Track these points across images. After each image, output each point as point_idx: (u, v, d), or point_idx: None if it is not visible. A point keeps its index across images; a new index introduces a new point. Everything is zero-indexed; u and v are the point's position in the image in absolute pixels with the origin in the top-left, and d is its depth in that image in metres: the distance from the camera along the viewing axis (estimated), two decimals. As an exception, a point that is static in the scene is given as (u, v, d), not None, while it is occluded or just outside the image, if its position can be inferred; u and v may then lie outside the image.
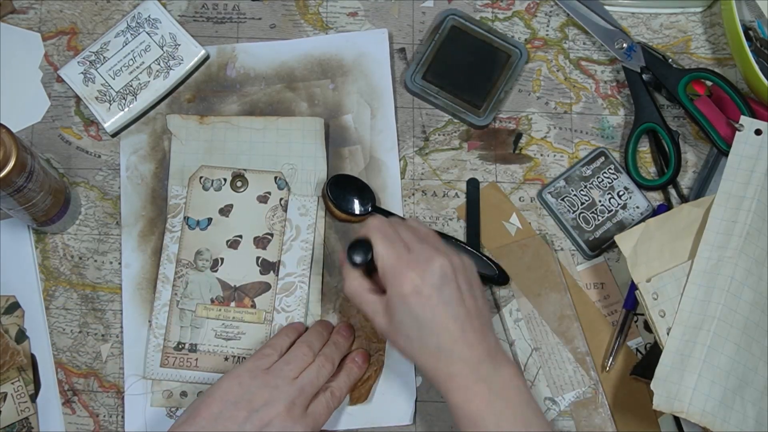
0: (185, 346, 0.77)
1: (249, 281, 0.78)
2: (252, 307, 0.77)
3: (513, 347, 0.79)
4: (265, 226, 0.79)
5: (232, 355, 0.76)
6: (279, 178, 0.80)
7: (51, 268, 0.80)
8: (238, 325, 0.77)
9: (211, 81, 0.84)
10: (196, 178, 0.80)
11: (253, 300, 0.78)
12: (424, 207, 0.82)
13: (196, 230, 0.79)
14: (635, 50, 0.83)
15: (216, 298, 0.78)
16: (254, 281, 0.78)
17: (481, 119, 0.83)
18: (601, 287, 0.80)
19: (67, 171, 0.82)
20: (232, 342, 0.77)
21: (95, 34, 0.85)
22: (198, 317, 0.77)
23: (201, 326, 0.77)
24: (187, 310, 0.77)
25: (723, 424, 0.70)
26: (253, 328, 0.77)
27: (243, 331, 0.77)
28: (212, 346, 0.77)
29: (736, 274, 0.72)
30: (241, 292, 0.78)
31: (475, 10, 0.87)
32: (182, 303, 0.77)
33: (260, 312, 0.77)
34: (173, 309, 0.77)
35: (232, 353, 0.77)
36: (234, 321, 0.77)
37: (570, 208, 0.81)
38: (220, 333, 0.77)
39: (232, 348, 0.77)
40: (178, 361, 0.76)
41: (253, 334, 0.77)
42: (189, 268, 0.78)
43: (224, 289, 0.78)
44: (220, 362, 0.76)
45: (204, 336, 0.77)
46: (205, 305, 0.78)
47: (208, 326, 0.77)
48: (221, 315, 0.77)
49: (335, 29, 0.86)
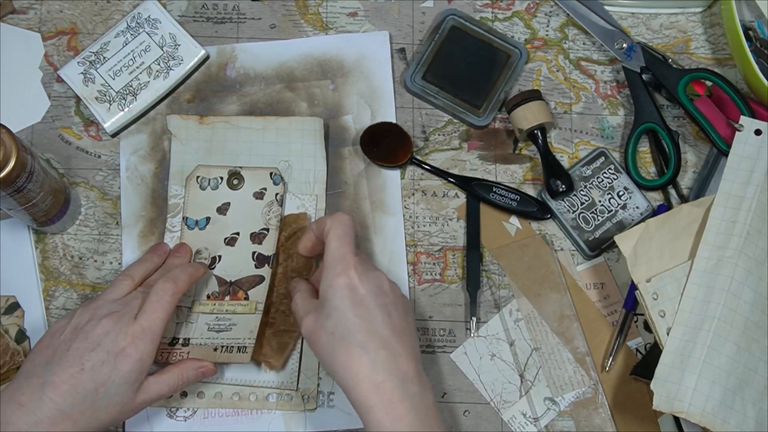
0: (179, 341, 0.76)
1: (244, 275, 0.78)
2: (245, 299, 0.77)
3: (513, 347, 0.79)
4: (262, 221, 0.79)
5: (221, 346, 0.76)
6: (274, 174, 0.80)
7: (51, 268, 0.80)
8: (230, 317, 0.77)
9: (211, 81, 0.84)
10: (193, 178, 0.80)
11: (246, 293, 0.77)
12: (424, 207, 0.82)
13: (195, 230, 0.79)
14: (635, 50, 0.83)
15: (212, 294, 0.78)
16: (249, 275, 0.78)
17: (481, 119, 0.83)
18: (601, 287, 0.80)
19: (67, 171, 0.82)
20: (223, 333, 0.76)
21: (95, 34, 0.85)
22: (192, 313, 0.77)
23: (195, 321, 0.77)
24: (183, 307, 0.77)
25: (723, 424, 0.70)
26: (244, 318, 0.77)
27: (234, 322, 0.77)
28: (204, 338, 0.76)
29: (736, 274, 0.72)
30: (236, 286, 0.78)
31: (475, 10, 0.87)
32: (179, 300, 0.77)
33: (252, 302, 0.77)
34: None
35: (221, 344, 0.76)
36: (227, 314, 0.77)
37: (570, 208, 0.81)
38: (213, 326, 0.77)
39: (222, 339, 0.76)
40: (171, 356, 0.76)
41: (244, 324, 0.76)
42: None
43: (220, 284, 0.78)
44: (209, 352, 0.75)
45: (197, 330, 0.76)
46: (201, 301, 0.77)
47: (202, 320, 0.77)
48: (215, 309, 0.77)
49: (335, 29, 0.86)
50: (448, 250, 0.81)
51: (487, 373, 0.78)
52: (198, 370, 0.73)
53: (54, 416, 0.64)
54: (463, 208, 0.82)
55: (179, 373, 0.72)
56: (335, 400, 0.77)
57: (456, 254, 0.81)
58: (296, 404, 0.77)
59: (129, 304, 0.70)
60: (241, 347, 0.75)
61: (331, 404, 0.77)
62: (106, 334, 0.67)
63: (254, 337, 0.75)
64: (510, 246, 0.81)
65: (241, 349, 0.75)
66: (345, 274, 0.66)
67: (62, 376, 0.65)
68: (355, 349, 0.64)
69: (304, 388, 0.77)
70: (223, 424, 0.76)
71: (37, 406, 0.64)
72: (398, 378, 0.64)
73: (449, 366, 0.79)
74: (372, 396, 0.63)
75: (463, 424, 0.77)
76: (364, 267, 0.68)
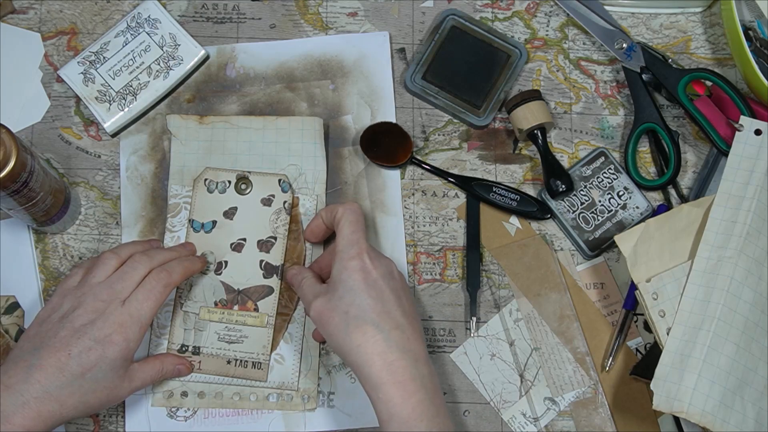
0: (188, 348, 0.77)
1: (252, 285, 0.78)
2: (255, 310, 0.77)
3: (513, 347, 0.79)
4: (269, 229, 0.79)
5: (234, 359, 0.76)
6: (283, 181, 0.80)
7: (51, 268, 0.80)
8: (240, 328, 0.77)
9: (211, 81, 0.84)
10: (201, 180, 0.80)
11: (256, 303, 0.78)
12: (424, 207, 0.82)
13: (201, 233, 0.79)
14: (635, 50, 0.83)
15: (219, 301, 0.78)
16: (257, 285, 0.78)
17: (481, 119, 0.83)
18: (600, 287, 0.80)
19: (67, 171, 0.82)
20: (234, 345, 0.77)
21: (95, 34, 0.85)
22: (201, 320, 0.77)
23: (204, 329, 0.77)
24: (190, 313, 0.77)
25: (723, 424, 0.70)
26: (255, 331, 0.77)
27: (245, 334, 0.77)
28: (215, 348, 0.77)
29: (736, 274, 0.72)
30: (245, 295, 0.78)
31: (475, 10, 0.87)
32: (186, 306, 0.78)
33: (263, 315, 0.77)
34: (177, 312, 0.78)
35: (234, 356, 0.77)
36: (237, 324, 0.77)
37: (570, 208, 0.81)
38: (223, 336, 0.77)
39: (235, 351, 0.77)
40: None
41: (256, 338, 0.77)
42: None
43: (228, 292, 0.78)
44: (223, 365, 0.76)
45: (207, 339, 0.77)
46: (209, 308, 0.78)
47: (211, 329, 0.77)
48: (224, 318, 0.77)
49: (335, 29, 0.86)
50: (448, 250, 0.81)
51: (487, 373, 0.78)
52: (176, 366, 0.75)
53: (41, 397, 0.65)
54: (463, 208, 0.82)
55: (160, 364, 0.74)
56: (335, 400, 0.77)
57: (456, 254, 0.81)
58: (296, 404, 0.77)
59: (114, 287, 0.70)
60: (256, 363, 0.76)
61: (331, 404, 0.77)
62: (92, 323, 0.68)
63: (268, 352, 0.76)
64: (510, 246, 0.81)
65: (256, 365, 0.76)
66: (359, 258, 0.69)
67: (49, 360, 0.66)
68: (369, 328, 0.66)
69: (304, 388, 0.77)
70: (224, 424, 0.76)
71: (24, 387, 0.65)
72: (411, 357, 0.66)
73: (449, 366, 0.79)
74: (384, 373, 0.65)
75: (463, 424, 0.78)
76: (376, 253, 0.71)
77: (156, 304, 0.70)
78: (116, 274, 0.71)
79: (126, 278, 0.70)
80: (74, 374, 0.66)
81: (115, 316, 0.68)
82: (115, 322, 0.68)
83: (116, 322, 0.68)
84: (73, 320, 0.68)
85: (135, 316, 0.69)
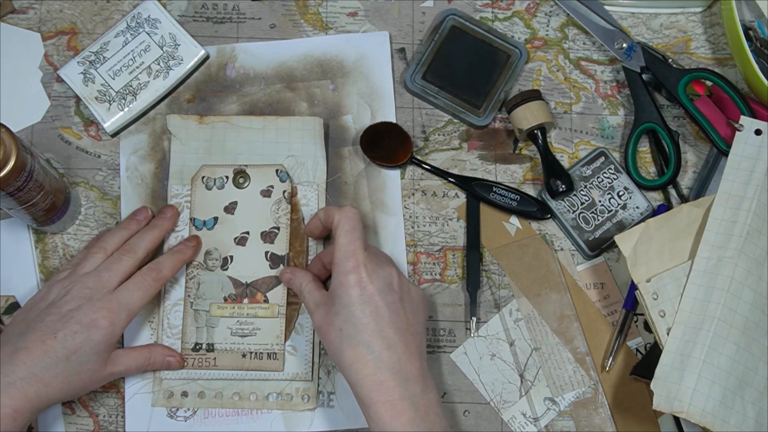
0: (202, 346, 0.77)
1: (260, 276, 0.78)
2: (265, 302, 0.78)
3: (513, 347, 0.79)
4: (271, 220, 0.79)
5: (249, 351, 0.77)
6: (280, 171, 0.80)
7: (51, 268, 0.80)
8: (252, 321, 0.77)
9: (211, 81, 0.84)
10: (199, 178, 0.80)
11: (265, 295, 0.78)
12: (424, 207, 0.82)
13: (203, 230, 0.79)
14: (635, 50, 0.83)
15: (229, 296, 0.78)
16: (265, 276, 0.78)
17: (481, 119, 0.83)
18: (601, 287, 0.80)
19: (67, 171, 0.82)
20: (248, 338, 0.77)
21: (95, 34, 0.85)
22: (212, 317, 0.77)
23: (216, 325, 0.77)
24: (201, 311, 0.78)
25: (723, 424, 0.70)
26: (267, 323, 0.77)
27: (258, 326, 0.77)
28: (229, 344, 0.77)
29: (736, 274, 0.72)
30: (253, 288, 0.78)
31: (475, 10, 0.87)
32: (196, 304, 0.78)
33: (273, 306, 0.78)
34: (188, 311, 0.78)
35: (249, 349, 0.77)
36: (248, 317, 0.77)
37: (570, 208, 0.81)
38: (236, 330, 0.77)
39: (249, 344, 0.77)
40: (197, 362, 0.77)
41: (268, 328, 0.77)
42: (200, 269, 0.78)
43: (236, 286, 0.78)
44: (238, 359, 0.77)
45: (220, 334, 0.77)
46: (219, 304, 0.78)
47: (223, 324, 0.77)
48: (235, 312, 0.78)
49: (335, 29, 0.86)
50: (448, 250, 0.81)
51: (487, 373, 0.78)
52: (165, 358, 0.76)
53: (27, 377, 0.67)
54: (463, 208, 0.82)
55: (147, 354, 0.75)
56: (335, 400, 0.77)
57: (456, 254, 0.81)
58: (296, 404, 0.77)
59: (101, 276, 0.72)
60: (271, 353, 0.77)
61: (331, 404, 0.77)
62: (79, 308, 0.70)
63: (282, 342, 0.76)
64: (510, 246, 0.81)
65: (271, 355, 0.76)
66: (355, 272, 0.68)
67: (35, 343, 0.68)
68: (360, 349, 0.66)
69: (304, 387, 0.77)
70: (224, 424, 0.77)
71: (9, 369, 0.67)
72: (400, 377, 0.66)
73: (449, 366, 0.79)
74: (374, 393, 0.65)
75: (463, 424, 0.78)
76: (374, 264, 0.69)
77: (145, 294, 0.73)
78: (103, 264, 0.73)
79: (113, 268, 0.73)
80: (59, 356, 0.68)
81: (103, 302, 0.70)
82: (103, 308, 0.70)
83: (104, 307, 0.70)
84: (60, 306, 0.70)
85: (123, 303, 0.71)
